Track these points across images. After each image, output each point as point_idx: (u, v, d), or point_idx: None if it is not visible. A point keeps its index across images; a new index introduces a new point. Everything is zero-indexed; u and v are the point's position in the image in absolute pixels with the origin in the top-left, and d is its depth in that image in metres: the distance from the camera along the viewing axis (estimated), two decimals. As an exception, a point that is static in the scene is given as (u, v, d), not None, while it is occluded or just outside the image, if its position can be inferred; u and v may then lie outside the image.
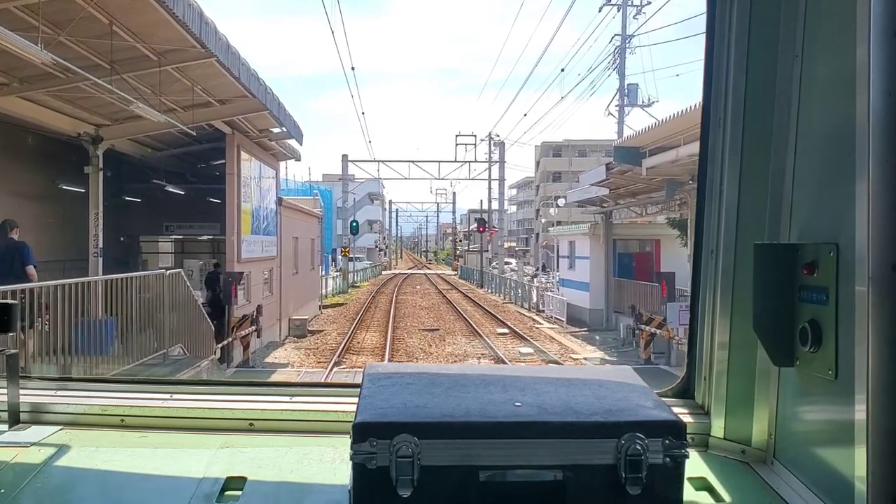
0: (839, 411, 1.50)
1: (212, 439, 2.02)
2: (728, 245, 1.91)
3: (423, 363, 17.75)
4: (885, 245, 1.24)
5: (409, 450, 1.41)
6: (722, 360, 1.94)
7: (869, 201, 1.25)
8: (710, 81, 1.96)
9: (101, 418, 2.13)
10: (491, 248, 56.69)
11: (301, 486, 1.78)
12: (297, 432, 2.07)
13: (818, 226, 1.63)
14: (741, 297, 1.86)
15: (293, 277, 28.09)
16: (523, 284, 39.81)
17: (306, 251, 31.67)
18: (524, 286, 39.11)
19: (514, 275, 51.52)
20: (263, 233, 22.38)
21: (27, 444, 1.95)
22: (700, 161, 2.04)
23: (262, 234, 22.08)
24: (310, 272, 33.22)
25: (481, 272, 55.26)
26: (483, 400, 1.55)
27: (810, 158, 1.68)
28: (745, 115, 1.85)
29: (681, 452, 1.46)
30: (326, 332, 26.57)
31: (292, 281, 27.78)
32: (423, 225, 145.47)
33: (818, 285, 1.54)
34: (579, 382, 1.68)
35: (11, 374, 2.05)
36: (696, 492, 1.74)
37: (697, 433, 1.97)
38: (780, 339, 1.65)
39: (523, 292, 38.20)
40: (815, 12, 1.67)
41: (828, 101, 1.61)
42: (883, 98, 1.24)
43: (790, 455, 1.77)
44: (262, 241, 22.10)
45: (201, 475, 1.80)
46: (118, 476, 1.83)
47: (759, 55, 1.82)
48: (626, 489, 1.43)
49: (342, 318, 31.17)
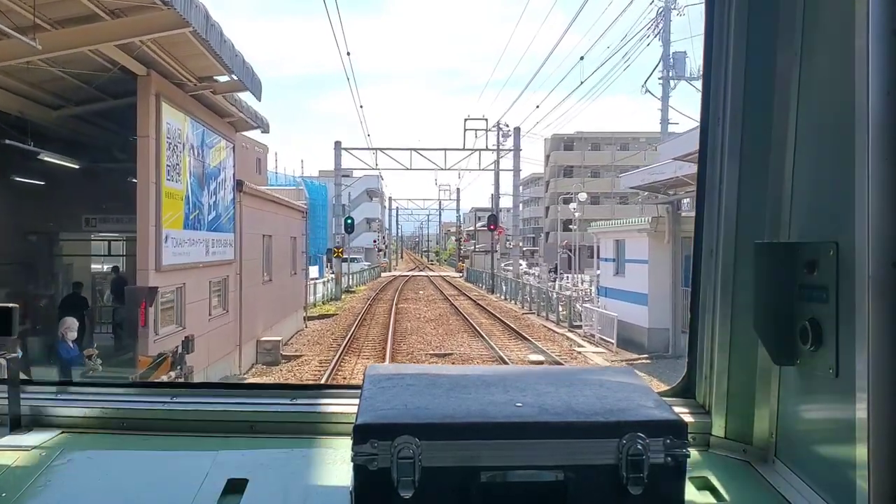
0: (840, 409, 1.49)
1: (213, 442, 2.02)
2: (728, 244, 1.92)
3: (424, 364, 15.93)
4: (885, 244, 1.26)
5: (410, 451, 1.41)
6: (723, 359, 1.95)
7: (869, 200, 1.26)
8: (710, 81, 1.97)
9: (101, 422, 2.12)
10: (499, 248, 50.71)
11: (302, 487, 1.79)
12: (298, 434, 2.07)
13: (818, 224, 1.64)
14: (742, 296, 1.87)
15: (264, 287, 21.94)
16: (546, 292, 33.36)
17: (284, 253, 25.49)
18: (548, 294, 32.67)
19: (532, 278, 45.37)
20: (210, 228, 16.03)
21: (28, 447, 1.95)
22: (700, 160, 2.05)
23: (205, 229, 15.74)
24: (290, 278, 27.01)
25: (492, 275, 49.00)
26: (484, 401, 1.55)
27: (810, 157, 1.69)
28: (745, 114, 1.86)
29: (682, 452, 1.46)
30: (306, 357, 20.97)
31: (262, 291, 21.62)
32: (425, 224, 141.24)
33: (818, 284, 1.54)
34: (580, 382, 1.69)
35: (12, 378, 2.04)
36: (698, 491, 1.75)
37: (699, 432, 1.97)
38: (781, 337, 1.65)
39: (547, 301, 31.81)
40: (813, 11, 1.67)
41: (827, 99, 1.62)
42: (882, 96, 1.25)
43: (791, 454, 1.77)
44: (206, 241, 15.78)
45: (203, 478, 1.80)
46: (119, 479, 1.84)
47: (759, 54, 1.83)
48: (628, 489, 1.43)
49: (329, 336, 25.82)
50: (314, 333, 27.11)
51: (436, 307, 35.42)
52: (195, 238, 14.99)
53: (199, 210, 15.21)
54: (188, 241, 14.48)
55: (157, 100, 12.72)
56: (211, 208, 16.12)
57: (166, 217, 13.21)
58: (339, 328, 27.59)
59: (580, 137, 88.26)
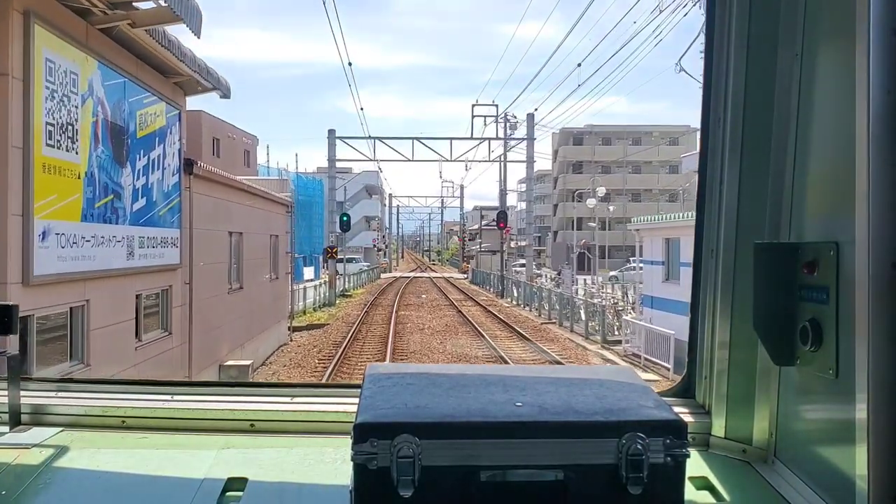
0: (840, 410, 1.49)
1: (213, 440, 2.02)
2: (728, 244, 1.92)
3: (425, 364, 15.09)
4: (885, 244, 1.25)
5: (409, 450, 1.40)
6: (722, 359, 1.95)
7: (869, 200, 1.26)
8: (710, 80, 1.97)
9: (101, 420, 2.12)
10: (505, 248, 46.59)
11: (302, 486, 1.79)
12: (298, 433, 2.07)
13: (818, 224, 1.64)
14: (741, 297, 1.86)
15: (231, 297, 17.71)
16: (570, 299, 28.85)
17: (261, 254, 21.25)
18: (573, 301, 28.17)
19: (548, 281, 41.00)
20: (136, 221, 11.59)
21: (28, 445, 1.94)
22: (700, 160, 2.05)
23: (128, 222, 11.27)
24: (269, 284, 22.71)
25: (502, 277, 44.61)
26: (484, 400, 1.55)
27: (810, 157, 1.69)
28: (745, 114, 1.86)
29: (682, 452, 1.46)
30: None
31: (229, 302, 17.44)
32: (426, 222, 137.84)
33: (818, 284, 1.54)
34: (580, 382, 1.69)
35: (12, 375, 2.03)
36: (697, 491, 1.75)
37: (698, 432, 1.97)
38: (781, 338, 1.65)
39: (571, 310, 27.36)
40: (814, 11, 1.67)
41: (828, 99, 1.62)
42: (883, 97, 1.24)
43: (791, 454, 1.77)
44: (128, 238, 11.29)
45: (202, 476, 1.80)
46: (119, 477, 1.83)
47: (759, 54, 1.83)
48: (627, 489, 1.43)
49: (315, 354, 21.77)
50: (299, 350, 23.06)
51: (441, 315, 31.03)
52: (106, 234, 10.51)
53: (115, 195, 10.76)
54: (92, 240, 10.02)
55: (26, 20, 8.29)
56: (139, 193, 11.68)
57: (45, 202, 8.70)
58: (329, 342, 23.60)
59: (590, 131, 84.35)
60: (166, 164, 12.88)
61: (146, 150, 11.99)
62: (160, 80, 12.74)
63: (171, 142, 13.08)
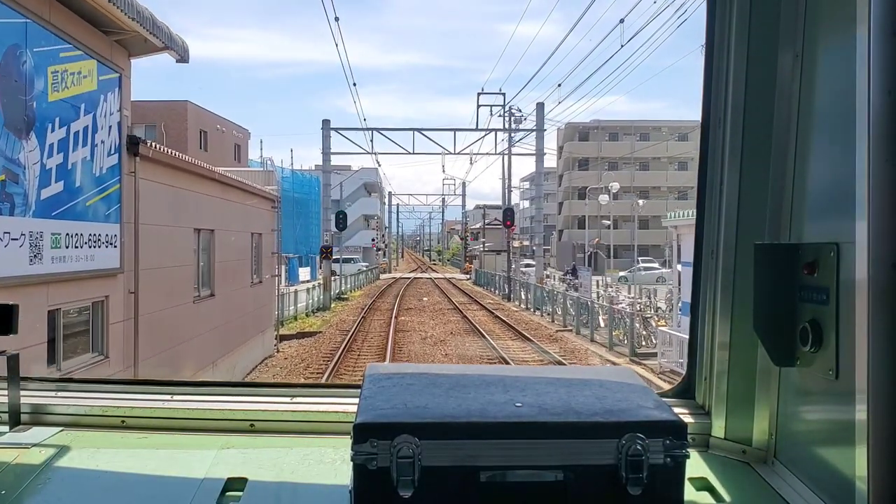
0: (840, 411, 1.49)
1: (213, 440, 2.01)
2: (728, 245, 1.92)
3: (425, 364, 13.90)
4: (885, 245, 1.25)
5: (409, 450, 1.40)
6: (722, 360, 1.95)
7: (869, 201, 1.26)
8: (710, 81, 1.96)
9: (101, 419, 2.11)
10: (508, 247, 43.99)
11: (302, 486, 1.79)
12: (297, 433, 2.07)
13: (818, 225, 1.64)
14: (742, 297, 1.87)
15: (197, 306, 14.87)
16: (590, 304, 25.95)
17: (239, 255, 18.47)
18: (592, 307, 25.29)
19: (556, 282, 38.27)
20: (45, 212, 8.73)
21: (28, 445, 1.94)
22: (700, 161, 2.05)
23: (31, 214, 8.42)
24: (250, 289, 19.94)
25: (509, 279, 41.79)
26: (484, 400, 1.54)
27: (810, 158, 1.69)
28: (745, 114, 1.86)
29: (681, 452, 1.46)
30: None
31: (194, 313, 14.64)
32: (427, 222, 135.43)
33: (818, 285, 1.54)
34: (580, 383, 1.69)
35: (12, 375, 2.03)
36: (697, 492, 1.75)
37: (698, 433, 1.97)
38: (781, 338, 1.65)
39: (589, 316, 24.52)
40: (814, 11, 1.67)
41: (828, 100, 1.62)
42: (883, 96, 1.24)
43: (791, 455, 1.77)
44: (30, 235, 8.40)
45: (202, 476, 1.79)
46: (119, 477, 1.83)
47: (759, 55, 1.83)
48: (627, 489, 1.43)
49: (303, 370, 19.13)
50: (285, 363, 20.42)
51: (445, 322, 28.21)
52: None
53: (6, 174, 7.90)
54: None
55: None
56: (51, 176, 8.82)
57: None
58: (319, 355, 21.03)
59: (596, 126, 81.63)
60: (98, 141, 9.98)
61: (64, 120, 9.12)
62: (89, 31, 9.90)
63: (106, 112, 10.19)
